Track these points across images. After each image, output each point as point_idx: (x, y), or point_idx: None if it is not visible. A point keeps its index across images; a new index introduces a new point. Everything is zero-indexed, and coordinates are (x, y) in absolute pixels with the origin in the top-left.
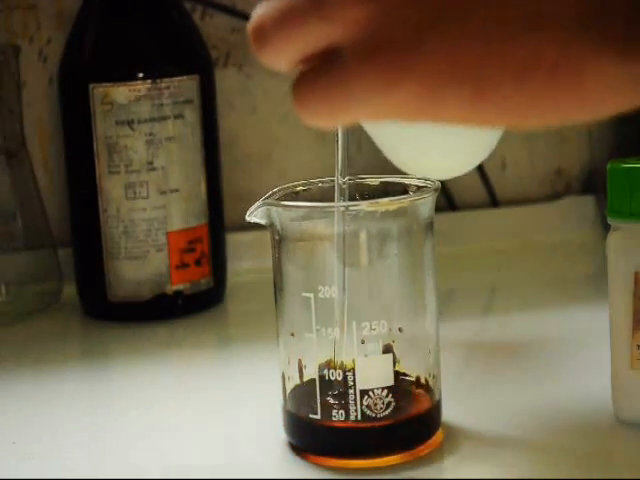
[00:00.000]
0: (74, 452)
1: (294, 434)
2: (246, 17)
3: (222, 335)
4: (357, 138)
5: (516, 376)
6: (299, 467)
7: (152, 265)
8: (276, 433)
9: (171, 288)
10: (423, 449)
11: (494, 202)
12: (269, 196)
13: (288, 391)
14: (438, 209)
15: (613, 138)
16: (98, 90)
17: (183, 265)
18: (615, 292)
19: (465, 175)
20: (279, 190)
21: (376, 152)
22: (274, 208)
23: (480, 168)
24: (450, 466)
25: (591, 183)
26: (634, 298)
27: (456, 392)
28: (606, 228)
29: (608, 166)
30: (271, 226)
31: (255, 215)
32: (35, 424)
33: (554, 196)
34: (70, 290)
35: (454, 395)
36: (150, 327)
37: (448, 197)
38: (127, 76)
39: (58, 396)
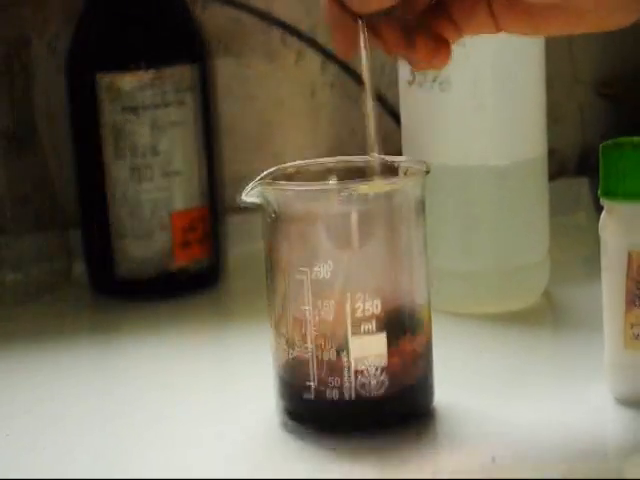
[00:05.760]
0: (83, 423)
1: (287, 410)
2: (244, 8)
3: (222, 312)
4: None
5: (510, 356)
6: (295, 446)
7: (157, 244)
8: (273, 408)
9: (175, 266)
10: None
11: None
12: (265, 176)
13: (281, 368)
14: None
15: (606, 119)
16: (104, 79)
17: (186, 244)
18: (608, 272)
19: None
20: (275, 170)
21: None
22: (269, 187)
23: None
24: (444, 452)
25: (585, 164)
26: (627, 278)
27: (449, 371)
28: (600, 209)
29: (600, 147)
30: (267, 205)
31: (251, 195)
32: (48, 397)
33: (548, 178)
34: (79, 269)
35: (447, 374)
36: (155, 303)
37: None
38: (131, 65)
39: (69, 369)
